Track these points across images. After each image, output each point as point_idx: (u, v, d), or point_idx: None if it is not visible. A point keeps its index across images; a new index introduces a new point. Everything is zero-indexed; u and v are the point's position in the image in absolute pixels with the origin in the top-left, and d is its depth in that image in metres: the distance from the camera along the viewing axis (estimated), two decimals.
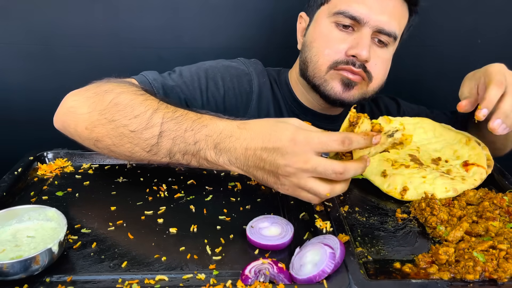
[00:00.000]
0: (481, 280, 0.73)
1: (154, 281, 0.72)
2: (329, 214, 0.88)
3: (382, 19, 1.14)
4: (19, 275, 0.70)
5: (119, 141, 0.93)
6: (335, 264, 0.72)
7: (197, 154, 0.89)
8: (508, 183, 1.01)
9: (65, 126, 1.02)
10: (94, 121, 0.95)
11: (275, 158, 0.81)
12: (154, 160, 0.93)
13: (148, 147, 0.91)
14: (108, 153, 0.98)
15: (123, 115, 0.93)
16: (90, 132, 0.96)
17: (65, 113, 1.02)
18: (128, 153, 0.94)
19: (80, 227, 0.86)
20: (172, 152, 0.90)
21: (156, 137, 0.90)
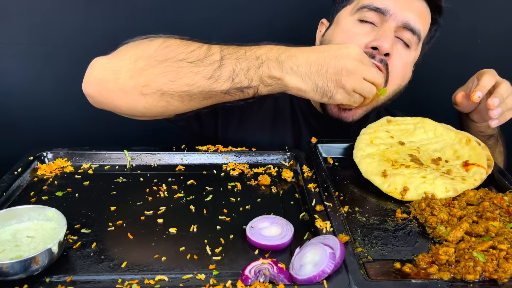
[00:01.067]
0: (481, 280, 0.73)
1: (154, 281, 0.72)
2: (329, 214, 0.88)
3: (407, 14, 1.13)
4: (19, 275, 0.70)
5: (175, 75, 0.94)
6: (335, 264, 0.72)
7: (260, 69, 0.94)
8: (508, 183, 1.01)
9: (101, 84, 0.99)
10: (141, 67, 0.95)
11: (338, 60, 0.95)
12: (214, 88, 0.94)
13: (210, 72, 0.94)
14: (158, 98, 0.96)
15: (179, 52, 0.95)
16: (137, 79, 0.95)
17: (100, 71, 0.99)
18: (186, 86, 0.94)
19: (80, 227, 0.86)
20: (236, 72, 0.94)
21: (218, 61, 0.94)
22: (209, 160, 1.12)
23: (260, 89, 0.97)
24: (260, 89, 0.97)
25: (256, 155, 1.13)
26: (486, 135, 1.25)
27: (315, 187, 0.98)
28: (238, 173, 1.08)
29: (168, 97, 0.96)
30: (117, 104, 0.99)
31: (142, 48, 0.98)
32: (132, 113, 1.02)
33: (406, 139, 1.15)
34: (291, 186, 1.04)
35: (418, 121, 1.19)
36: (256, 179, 1.05)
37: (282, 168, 1.10)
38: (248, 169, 1.09)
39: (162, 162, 1.11)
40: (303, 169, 1.06)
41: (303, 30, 1.54)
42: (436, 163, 1.07)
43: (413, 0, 1.16)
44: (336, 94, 0.97)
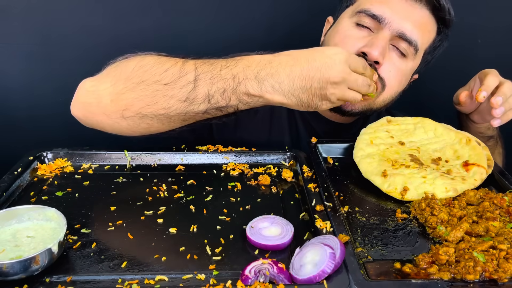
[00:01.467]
0: (481, 280, 0.73)
1: (154, 281, 0.72)
2: (329, 214, 0.88)
3: (404, 24, 1.11)
4: (19, 275, 0.70)
5: (151, 99, 0.92)
6: (335, 264, 0.72)
7: (237, 89, 0.90)
8: (508, 183, 1.01)
9: (85, 108, 1.00)
10: (120, 90, 0.94)
11: (323, 74, 0.90)
12: (191, 110, 0.92)
13: (185, 95, 0.91)
14: (139, 121, 0.95)
15: (153, 73, 0.93)
16: (117, 103, 0.94)
17: (84, 94, 1.01)
18: (162, 110, 0.93)
19: (80, 227, 0.86)
20: (211, 93, 0.90)
21: (192, 82, 0.91)
22: (209, 160, 1.12)
23: (239, 107, 0.94)
24: (239, 107, 0.94)
25: (256, 155, 1.13)
26: (486, 136, 1.25)
27: (315, 187, 0.98)
28: (238, 173, 1.08)
29: (148, 120, 0.95)
30: (102, 125, 1.01)
31: (120, 69, 0.98)
32: (117, 133, 1.02)
33: (406, 139, 1.15)
34: (291, 186, 1.04)
35: (418, 121, 1.19)
36: (256, 179, 1.05)
37: (282, 168, 1.10)
38: (248, 169, 1.09)
39: (162, 162, 1.11)
40: (303, 169, 1.06)
41: (303, 29, 1.54)
42: (436, 163, 1.07)
43: (414, 8, 1.13)
44: (321, 105, 0.96)
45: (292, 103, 0.93)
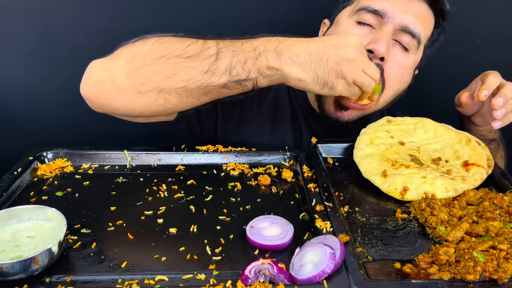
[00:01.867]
0: (481, 280, 0.73)
1: (154, 281, 0.72)
2: (329, 214, 0.88)
3: (406, 17, 1.12)
4: (19, 275, 0.70)
5: (172, 71, 0.92)
6: (335, 264, 0.72)
7: (257, 60, 0.92)
8: (508, 183, 1.01)
9: (98, 86, 0.98)
10: (138, 65, 0.94)
11: (339, 50, 0.93)
12: (211, 83, 0.93)
13: (206, 66, 0.92)
14: (156, 96, 0.94)
15: (174, 48, 0.94)
16: (133, 78, 0.94)
17: (96, 72, 0.99)
18: (182, 82, 0.93)
19: (80, 227, 0.86)
20: (232, 64, 0.92)
21: (214, 55, 0.93)
22: (209, 160, 1.12)
23: (259, 81, 0.95)
24: (258, 80, 0.95)
25: (256, 155, 1.13)
26: (487, 139, 1.25)
27: (315, 187, 0.98)
28: (238, 173, 1.08)
29: (166, 94, 0.94)
30: (115, 105, 0.98)
31: (137, 47, 0.97)
32: (130, 113, 1.01)
33: (406, 139, 1.15)
34: (291, 186, 1.04)
35: (418, 121, 1.19)
36: (256, 179, 1.05)
37: (282, 168, 1.10)
38: (248, 169, 1.09)
39: (162, 162, 1.11)
40: (303, 169, 1.06)
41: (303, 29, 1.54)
42: (436, 163, 1.07)
43: (413, 2, 1.14)
44: (337, 84, 0.95)
45: (308, 77, 0.94)
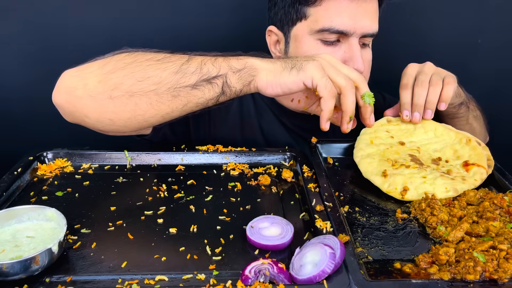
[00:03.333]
0: (481, 280, 0.73)
1: (154, 281, 0.72)
2: (329, 214, 0.88)
3: (365, 25, 1.12)
4: (19, 275, 0.70)
5: (143, 74, 0.93)
6: (335, 264, 0.72)
7: (227, 58, 0.95)
8: (508, 183, 1.01)
9: (69, 92, 0.99)
10: (109, 70, 0.95)
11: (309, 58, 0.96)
12: (182, 83, 0.94)
13: (178, 66, 0.94)
14: (126, 100, 0.95)
15: (146, 55, 0.96)
16: (105, 83, 0.95)
17: (68, 79, 1.00)
18: (153, 85, 0.93)
19: (80, 227, 0.86)
20: (203, 62, 0.94)
21: (186, 57, 0.96)
22: (209, 160, 1.12)
23: (228, 77, 0.94)
24: (228, 76, 0.94)
25: (256, 155, 1.13)
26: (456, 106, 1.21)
27: (315, 187, 0.98)
28: (238, 173, 1.08)
29: (137, 99, 0.95)
30: (87, 112, 0.99)
31: (109, 57, 0.99)
32: (100, 121, 1.00)
33: (406, 139, 1.15)
34: (291, 186, 1.04)
35: None
36: (256, 179, 1.05)
37: (282, 168, 1.10)
38: (248, 169, 1.09)
39: (162, 162, 1.11)
40: (303, 169, 1.06)
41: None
42: (436, 163, 1.07)
43: (365, 2, 1.12)
44: (306, 64, 0.94)
45: (276, 66, 0.95)
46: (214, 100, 0.97)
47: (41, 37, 1.57)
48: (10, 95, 1.63)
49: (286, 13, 1.17)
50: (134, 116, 0.98)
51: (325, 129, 0.98)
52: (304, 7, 1.13)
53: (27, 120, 1.67)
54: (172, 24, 1.60)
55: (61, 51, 1.59)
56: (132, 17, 1.58)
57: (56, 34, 1.57)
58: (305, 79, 0.93)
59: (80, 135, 1.72)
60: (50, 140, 1.16)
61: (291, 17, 1.16)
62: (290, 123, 1.32)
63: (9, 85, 1.62)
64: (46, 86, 1.62)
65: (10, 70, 1.60)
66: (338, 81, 0.95)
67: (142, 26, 1.59)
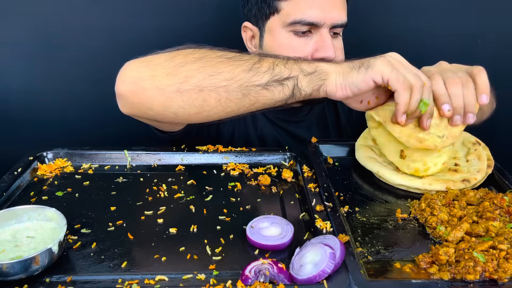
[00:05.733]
0: (481, 280, 0.73)
1: (154, 281, 0.72)
2: (329, 214, 0.88)
3: (334, 16, 1.15)
4: (19, 275, 0.70)
5: (215, 70, 0.93)
6: (335, 264, 0.72)
7: (298, 60, 0.96)
8: (508, 183, 1.01)
9: (136, 82, 0.96)
10: (179, 63, 0.94)
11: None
12: (253, 81, 0.93)
13: (250, 65, 0.94)
14: (195, 95, 0.94)
15: (215, 52, 0.96)
16: (174, 76, 0.93)
17: (135, 69, 0.98)
18: (224, 81, 0.93)
19: (80, 227, 0.86)
20: (275, 63, 0.94)
21: (257, 56, 0.96)
22: (209, 160, 1.12)
23: (299, 80, 0.94)
24: (299, 79, 0.94)
25: (256, 155, 1.13)
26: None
27: (315, 187, 0.98)
28: (238, 173, 1.08)
29: (206, 94, 0.93)
30: (151, 103, 0.96)
31: (175, 51, 0.98)
32: (164, 114, 0.98)
33: None
34: (291, 186, 1.04)
35: None
36: (256, 179, 1.05)
37: (282, 168, 1.10)
38: (248, 169, 1.09)
39: (162, 162, 1.11)
40: (303, 169, 1.06)
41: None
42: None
43: None
44: (374, 62, 0.91)
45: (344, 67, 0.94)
46: (283, 102, 0.97)
47: (41, 37, 1.57)
48: (10, 95, 1.63)
49: (259, 9, 1.21)
50: (201, 112, 0.96)
51: (402, 122, 0.94)
52: (276, 1, 1.17)
53: (27, 120, 1.67)
54: (174, 23, 1.60)
55: (61, 51, 1.59)
56: (133, 17, 1.58)
57: (56, 34, 1.57)
58: (374, 76, 0.90)
59: (80, 135, 1.73)
60: (50, 140, 1.16)
61: (264, 12, 1.20)
62: (274, 116, 1.35)
63: (9, 85, 1.62)
64: (46, 86, 1.64)
65: (10, 70, 1.60)
66: (409, 78, 0.90)
67: (142, 25, 1.59)
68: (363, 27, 1.61)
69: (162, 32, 1.61)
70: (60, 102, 1.66)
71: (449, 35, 1.68)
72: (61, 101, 1.65)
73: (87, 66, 1.58)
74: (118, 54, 1.61)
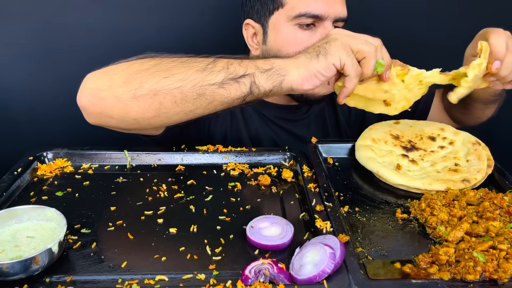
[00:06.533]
0: (481, 280, 0.73)
1: (154, 281, 0.72)
2: (329, 214, 0.88)
3: (337, 9, 1.17)
4: (19, 275, 0.70)
5: (168, 73, 0.94)
6: (335, 264, 0.72)
7: (253, 60, 0.96)
8: (508, 183, 1.01)
9: (95, 94, 0.99)
10: (134, 71, 0.96)
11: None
12: (208, 80, 0.94)
13: (204, 65, 0.94)
14: (151, 100, 0.95)
15: (171, 58, 0.97)
16: (129, 83, 0.95)
17: (93, 81, 1.00)
18: (178, 82, 0.94)
19: (80, 227, 0.86)
20: (229, 62, 0.95)
21: (211, 58, 0.96)
22: (209, 160, 1.12)
23: (256, 77, 0.95)
24: (256, 76, 0.95)
25: (256, 155, 1.13)
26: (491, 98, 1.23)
27: (315, 187, 0.98)
28: (238, 173, 1.08)
29: (161, 97, 0.95)
30: (111, 112, 0.99)
31: (133, 60, 1.00)
32: (125, 121, 1.01)
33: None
34: (291, 186, 1.04)
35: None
36: (256, 179, 1.05)
37: (282, 168, 1.10)
38: (248, 169, 1.09)
39: (162, 162, 1.11)
40: (303, 169, 1.06)
41: None
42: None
43: None
44: (329, 47, 0.95)
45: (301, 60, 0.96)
46: (241, 99, 0.97)
47: (41, 37, 1.57)
48: (10, 96, 1.63)
49: (262, 5, 1.22)
50: (159, 115, 0.98)
51: (341, 103, 1.03)
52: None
53: (27, 120, 1.67)
54: (173, 23, 1.60)
55: (61, 51, 1.59)
56: (133, 17, 1.58)
57: (56, 34, 1.57)
58: (334, 61, 0.94)
59: (80, 135, 1.73)
60: (50, 140, 1.16)
61: (268, 8, 1.21)
62: (272, 115, 1.35)
63: (9, 85, 1.62)
64: (46, 86, 1.64)
65: (10, 70, 1.60)
66: (362, 48, 0.96)
67: (142, 26, 1.59)
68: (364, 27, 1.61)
69: (162, 32, 1.61)
70: (60, 102, 1.66)
71: (449, 35, 1.68)
72: (61, 101, 1.65)
73: (87, 66, 1.58)
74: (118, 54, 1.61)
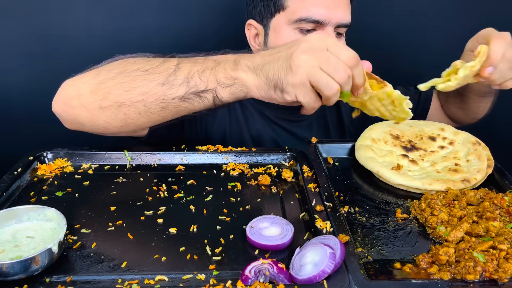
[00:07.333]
0: (481, 280, 0.73)
1: (154, 281, 0.72)
2: (329, 214, 0.88)
3: (339, 15, 1.16)
4: (19, 275, 0.70)
5: (130, 85, 0.94)
6: (335, 265, 0.72)
7: (215, 69, 0.92)
8: (508, 183, 1.01)
9: (65, 102, 1.01)
10: (101, 80, 0.96)
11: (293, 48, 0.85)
12: (169, 95, 0.93)
13: (164, 78, 0.93)
14: (116, 111, 0.96)
15: (136, 64, 0.96)
16: (96, 93, 0.96)
17: (65, 89, 1.02)
18: (140, 95, 0.94)
19: (80, 227, 0.86)
20: (190, 74, 0.92)
21: (173, 66, 0.94)
22: (209, 160, 1.12)
23: (218, 92, 0.93)
24: (218, 91, 0.93)
25: (256, 155, 1.13)
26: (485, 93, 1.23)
27: (315, 187, 0.98)
28: (238, 173, 1.08)
29: (125, 109, 0.96)
30: (81, 120, 1.00)
31: (103, 66, 1.01)
32: (95, 129, 1.02)
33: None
34: (291, 186, 1.04)
35: None
36: (256, 179, 1.05)
37: (282, 168, 1.09)
38: (248, 169, 1.09)
39: (162, 162, 1.11)
40: (303, 169, 1.06)
41: None
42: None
43: None
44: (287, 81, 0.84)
45: (262, 81, 0.89)
46: (206, 110, 0.98)
47: (41, 37, 1.57)
48: (10, 95, 1.63)
49: (265, 6, 1.22)
50: (126, 124, 0.99)
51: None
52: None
53: (27, 120, 1.67)
54: (173, 23, 1.60)
55: (61, 51, 1.59)
56: (133, 17, 1.58)
57: (56, 34, 1.57)
58: (291, 98, 0.87)
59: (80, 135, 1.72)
60: (50, 140, 1.16)
61: (270, 10, 1.21)
62: (273, 115, 1.35)
63: (9, 85, 1.62)
64: (46, 86, 1.62)
65: (10, 71, 1.60)
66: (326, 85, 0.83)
67: (142, 25, 1.59)
68: (363, 27, 1.61)
69: (162, 32, 1.61)
70: None
71: (449, 35, 1.68)
72: None
73: (87, 66, 1.58)
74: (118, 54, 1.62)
